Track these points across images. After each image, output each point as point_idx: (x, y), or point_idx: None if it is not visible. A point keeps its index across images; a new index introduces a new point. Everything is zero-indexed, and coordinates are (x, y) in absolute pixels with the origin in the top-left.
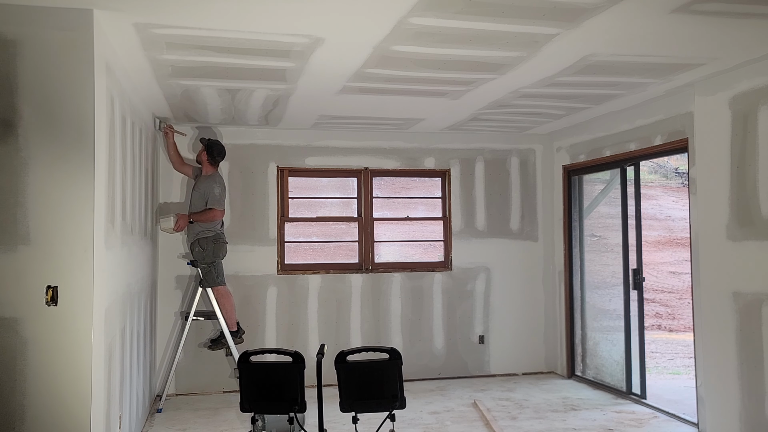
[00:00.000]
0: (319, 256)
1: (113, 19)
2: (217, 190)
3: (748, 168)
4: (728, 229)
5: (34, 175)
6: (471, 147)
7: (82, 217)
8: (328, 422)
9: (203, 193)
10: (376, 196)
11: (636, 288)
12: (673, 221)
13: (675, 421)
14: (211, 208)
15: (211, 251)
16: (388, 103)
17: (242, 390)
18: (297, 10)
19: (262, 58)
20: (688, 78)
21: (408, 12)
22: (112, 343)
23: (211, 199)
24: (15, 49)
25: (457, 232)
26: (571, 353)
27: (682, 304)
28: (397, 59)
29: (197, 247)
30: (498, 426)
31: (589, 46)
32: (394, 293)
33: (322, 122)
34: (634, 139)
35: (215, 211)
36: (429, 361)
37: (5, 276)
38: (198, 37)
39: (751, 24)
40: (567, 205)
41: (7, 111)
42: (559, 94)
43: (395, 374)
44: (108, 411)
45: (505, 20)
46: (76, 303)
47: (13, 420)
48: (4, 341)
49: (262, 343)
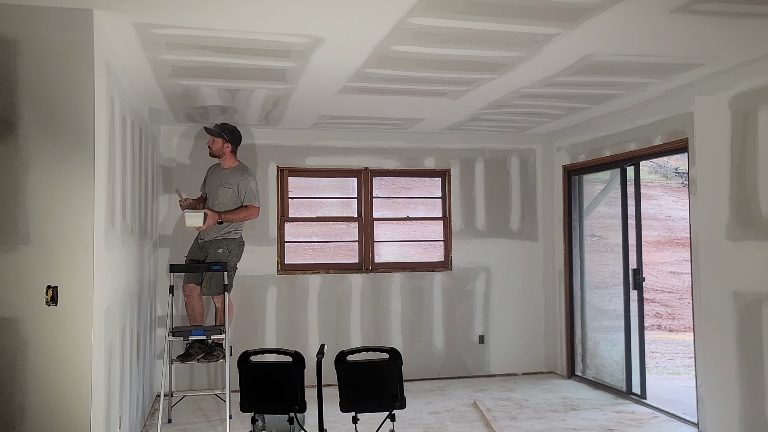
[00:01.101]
0: (319, 256)
1: (113, 19)
2: (253, 184)
3: (748, 168)
4: (728, 229)
5: (34, 175)
6: (471, 147)
7: (82, 217)
8: (328, 422)
9: (237, 189)
10: (376, 196)
11: (636, 288)
12: (673, 221)
13: (675, 421)
14: (248, 205)
15: (236, 255)
16: (388, 103)
17: (242, 390)
18: (297, 10)
19: (262, 58)
20: (688, 78)
21: (408, 12)
22: (112, 343)
23: (248, 195)
24: (15, 49)
25: (457, 232)
26: (571, 353)
27: (682, 304)
28: (397, 59)
29: (221, 248)
30: (498, 426)
31: (589, 46)
32: (394, 293)
33: (322, 122)
34: (634, 139)
35: (253, 209)
36: (429, 361)
37: (5, 276)
38: (198, 37)
39: (751, 24)
40: (567, 205)
41: (7, 111)
42: (559, 94)
43: (395, 374)
44: (108, 411)
45: (505, 20)
46: (76, 303)
47: (13, 420)
48: (4, 341)
49: (262, 343)
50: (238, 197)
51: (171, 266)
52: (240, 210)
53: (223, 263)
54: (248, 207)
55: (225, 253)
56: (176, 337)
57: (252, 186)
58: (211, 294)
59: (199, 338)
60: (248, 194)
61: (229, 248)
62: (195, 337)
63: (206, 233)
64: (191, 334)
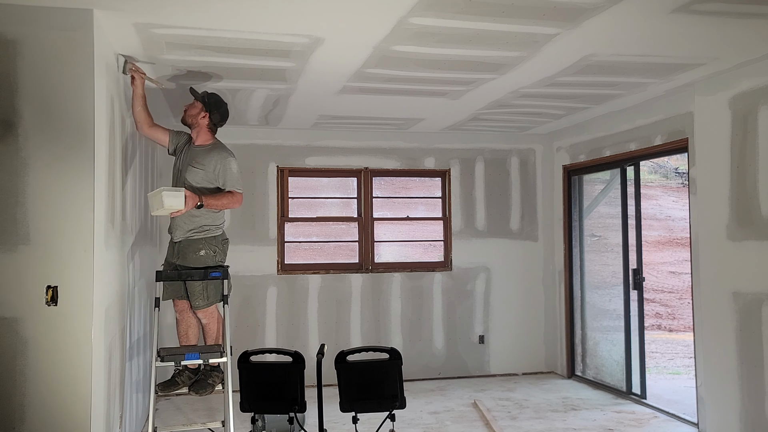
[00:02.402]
0: (319, 256)
1: (113, 19)
2: (235, 166)
3: (748, 168)
4: (728, 229)
5: (34, 175)
6: (471, 147)
7: (82, 217)
8: (328, 422)
9: (213, 170)
10: (376, 196)
11: (636, 288)
12: (673, 221)
13: (675, 421)
14: (231, 191)
15: (222, 256)
16: (388, 103)
17: (242, 390)
18: (297, 10)
19: (262, 58)
20: (688, 78)
21: (408, 12)
22: (112, 343)
23: (229, 178)
24: (15, 49)
25: (457, 232)
26: (571, 353)
27: (682, 304)
28: (397, 59)
29: (203, 250)
30: (498, 426)
31: (589, 46)
32: (394, 293)
33: (322, 122)
34: (634, 139)
35: (237, 195)
36: (429, 361)
37: (5, 276)
38: (198, 37)
39: (751, 24)
40: (567, 205)
41: (7, 111)
42: (559, 94)
43: (395, 374)
44: (108, 411)
45: (505, 20)
46: (76, 303)
47: (13, 420)
48: (4, 341)
49: (262, 343)
50: (209, 181)
51: (158, 273)
52: (224, 195)
53: (223, 268)
54: (232, 193)
55: (210, 256)
56: (165, 363)
57: (234, 168)
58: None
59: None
60: (230, 178)
61: (214, 249)
62: (189, 361)
63: (177, 228)
64: (185, 358)
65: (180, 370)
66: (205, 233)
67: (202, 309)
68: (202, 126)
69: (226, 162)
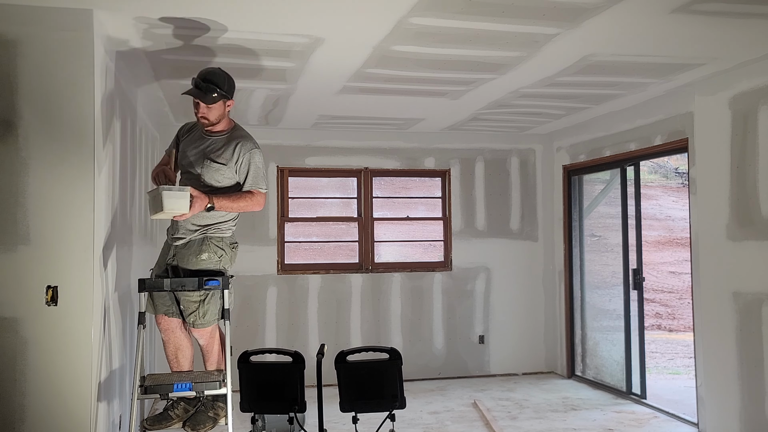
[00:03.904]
0: (319, 256)
1: (113, 19)
2: (260, 160)
3: (748, 168)
4: (728, 229)
5: (34, 175)
6: (471, 147)
7: (82, 217)
8: (328, 422)
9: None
10: (376, 196)
11: (636, 288)
12: (673, 221)
13: (675, 421)
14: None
15: (227, 261)
16: (388, 103)
17: (242, 390)
18: (297, 10)
19: (261, 58)
20: (688, 78)
21: (408, 12)
22: (113, 343)
23: (252, 174)
24: (15, 49)
25: (457, 232)
26: (571, 353)
27: (682, 304)
28: (397, 59)
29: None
30: (498, 426)
31: (589, 46)
32: (394, 293)
33: (322, 122)
34: (634, 139)
35: (260, 197)
36: (429, 361)
37: (5, 276)
38: (198, 37)
39: (751, 24)
40: (567, 205)
41: (7, 111)
42: (559, 94)
43: (395, 374)
44: (108, 411)
45: (505, 20)
46: (76, 303)
47: (13, 420)
48: (4, 341)
49: (262, 343)
50: (230, 178)
51: (141, 282)
52: (242, 196)
53: (220, 275)
54: (253, 193)
55: (213, 260)
56: (149, 395)
57: (260, 163)
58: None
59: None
60: (253, 174)
61: (220, 253)
62: (179, 393)
63: (179, 227)
64: (173, 389)
65: (173, 401)
66: (211, 233)
67: (199, 329)
68: (225, 115)
69: (251, 155)
